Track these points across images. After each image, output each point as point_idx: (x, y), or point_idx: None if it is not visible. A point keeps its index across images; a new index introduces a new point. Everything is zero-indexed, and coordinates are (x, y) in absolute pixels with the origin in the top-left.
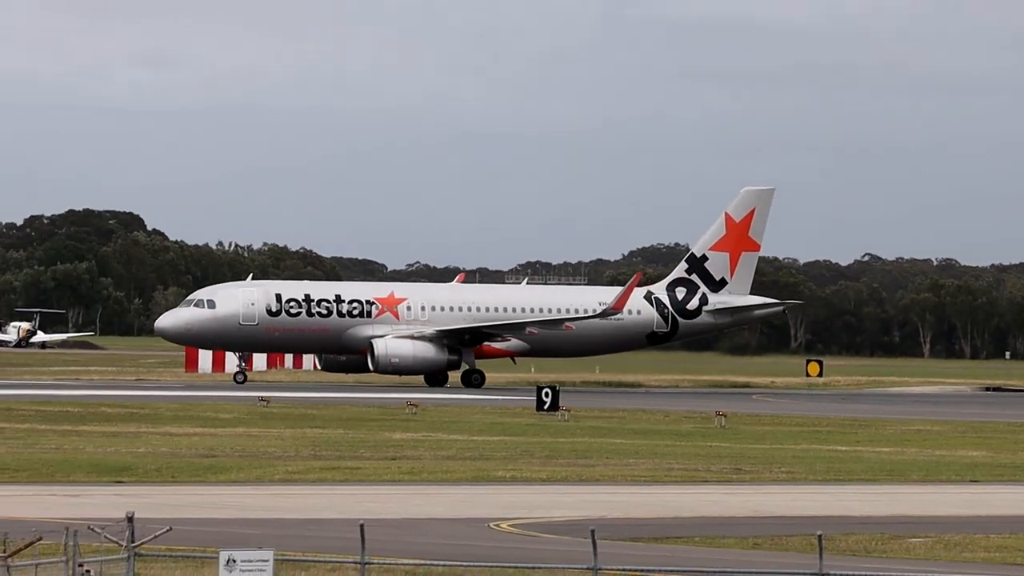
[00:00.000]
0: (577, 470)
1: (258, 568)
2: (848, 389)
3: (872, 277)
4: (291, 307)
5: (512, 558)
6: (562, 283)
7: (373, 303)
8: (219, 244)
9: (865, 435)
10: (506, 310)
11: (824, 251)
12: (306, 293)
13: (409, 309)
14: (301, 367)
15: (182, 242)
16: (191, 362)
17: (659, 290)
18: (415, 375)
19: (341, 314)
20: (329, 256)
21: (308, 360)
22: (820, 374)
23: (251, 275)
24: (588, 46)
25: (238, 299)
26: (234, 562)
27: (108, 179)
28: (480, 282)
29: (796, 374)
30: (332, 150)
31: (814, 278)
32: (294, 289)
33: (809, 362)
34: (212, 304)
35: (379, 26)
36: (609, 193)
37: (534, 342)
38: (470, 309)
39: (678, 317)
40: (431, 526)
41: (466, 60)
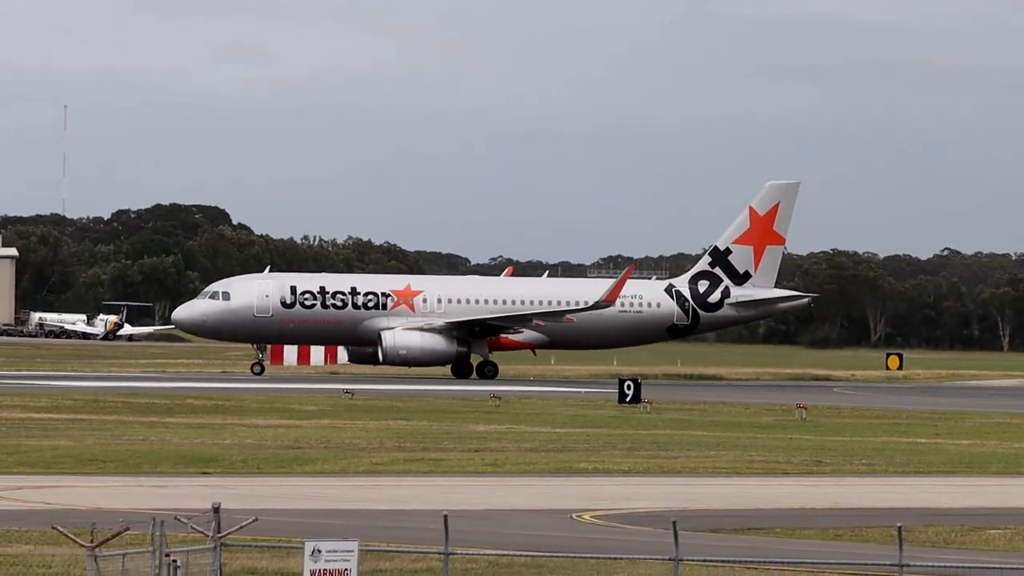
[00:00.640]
0: (659, 462)
1: (343, 559)
2: (928, 382)
3: (951, 271)
4: (306, 299)
5: (594, 549)
6: (635, 278)
7: (389, 295)
8: (304, 238)
9: (945, 428)
10: (522, 303)
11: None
12: (321, 285)
13: (425, 301)
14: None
15: (267, 236)
16: (276, 355)
17: (681, 283)
18: (424, 367)
19: (356, 306)
20: (412, 250)
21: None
22: (900, 367)
23: (268, 268)
24: (666, 42)
25: (252, 291)
26: (319, 552)
27: (194, 174)
28: (561, 276)
29: (876, 367)
30: (415, 146)
31: (894, 272)
32: (309, 281)
33: (889, 355)
34: (227, 296)
35: (457, 23)
36: (690, 187)
37: (553, 334)
38: (486, 302)
39: (699, 310)
40: (514, 517)
41: (546, 56)
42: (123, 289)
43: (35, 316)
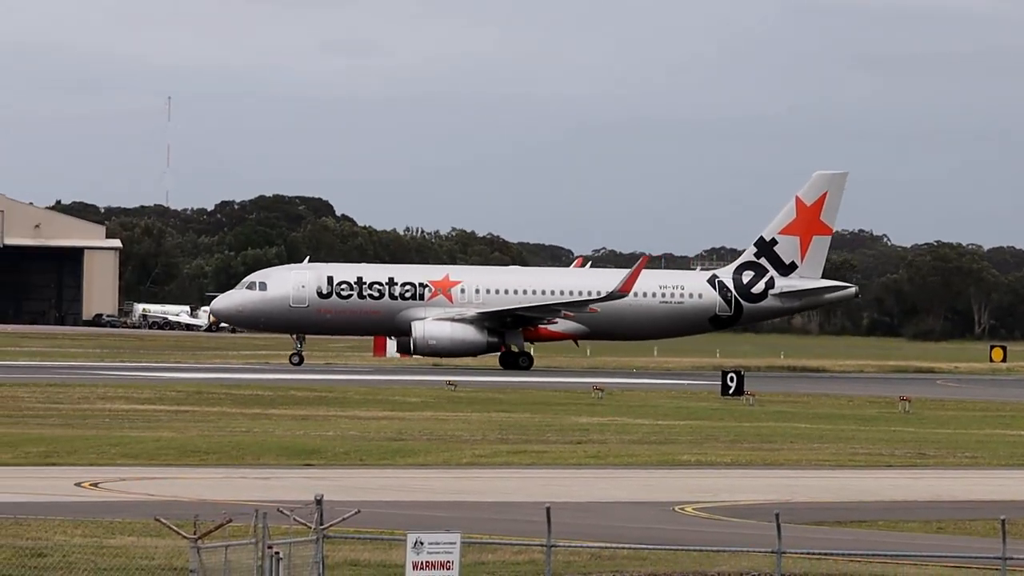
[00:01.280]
0: (762, 454)
1: (445, 551)
2: None
3: None
4: (342, 289)
5: (696, 541)
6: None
7: (427, 286)
8: (407, 229)
9: None
10: (556, 293)
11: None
12: (359, 276)
13: (463, 292)
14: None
15: (370, 227)
16: (379, 347)
17: (724, 274)
18: (455, 357)
19: (393, 296)
20: (515, 242)
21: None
22: (1004, 359)
23: (307, 258)
24: (767, 31)
25: (289, 281)
26: (421, 544)
27: (298, 165)
28: (665, 268)
29: (980, 359)
30: (519, 137)
31: (998, 264)
32: (347, 272)
33: (993, 347)
34: (264, 286)
35: (561, 15)
36: (792, 179)
37: (593, 324)
38: (525, 292)
39: (742, 301)
40: (616, 509)
41: (647, 48)
42: (226, 280)
43: (138, 308)
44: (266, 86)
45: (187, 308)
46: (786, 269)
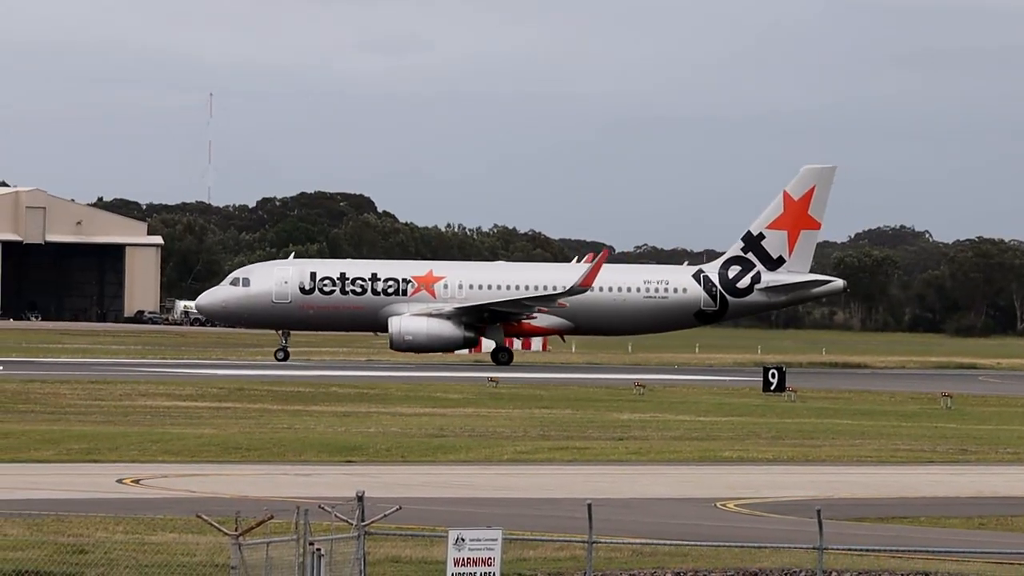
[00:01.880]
0: (803, 450)
1: (486, 547)
2: None
3: None
4: (325, 285)
5: (737, 537)
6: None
7: (410, 281)
8: (448, 226)
9: None
10: (536, 288)
11: None
12: (342, 272)
13: (446, 287)
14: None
15: (411, 224)
16: None
17: (711, 269)
18: (431, 352)
19: (376, 292)
20: (557, 238)
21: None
22: None
23: (292, 254)
24: (802, 31)
25: (272, 277)
26: (463, 541)
27: (339, 162)
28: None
29: (1022, 355)
30: (562, 133)
31: None
32: (330, 268)
33: None
34: (247, 282)
35: (598, 12)
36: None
37: (577, 319)
38: (508, 288)
39: (727, 295)
40: (657, 506)
41: (686, 45)
42: None
43: (180, 304)
44: (307, 83)
45: None
46: (774, 263)
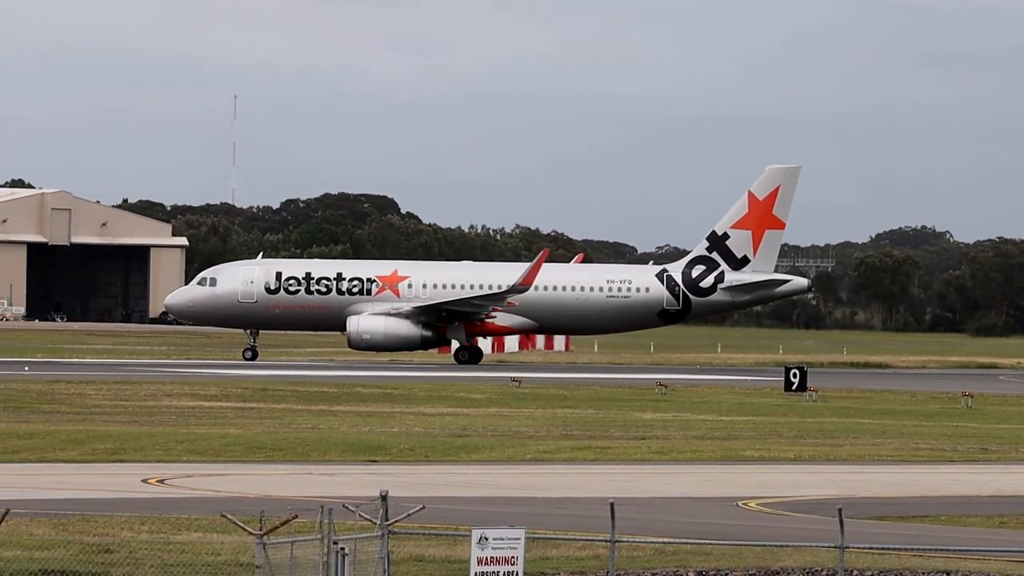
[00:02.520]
0: (824, 450)
1: (509, 546)
2: None
3: None
4: (290, 285)
5: (759, 536)
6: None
7: (374, 281)
8: (471, 227)
9: None
10: (491, 287)
11: None
12: (307, 271)
13: (410, 287)
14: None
15: (435, 225)
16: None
17: (675, 268)
18: (389, 351)
19: (341, 292)
20: (579, 239)
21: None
22: None
23: (260, 254)
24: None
25: (238, 277)
26: (486, 540)
27: (363, 163)
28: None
29: None
30: (584, 134)
31: None
32: (296, 268)
33: None
34: (214, 282)
35: (622, 14)
36: (857, 175)
37: (542, 319)
38: (472, 287)
39: (690, 295)
40: (679, 505)
41: (711, 47)
42: None
43: None
44: (331, 85)
45: None
46: (738, 263)
